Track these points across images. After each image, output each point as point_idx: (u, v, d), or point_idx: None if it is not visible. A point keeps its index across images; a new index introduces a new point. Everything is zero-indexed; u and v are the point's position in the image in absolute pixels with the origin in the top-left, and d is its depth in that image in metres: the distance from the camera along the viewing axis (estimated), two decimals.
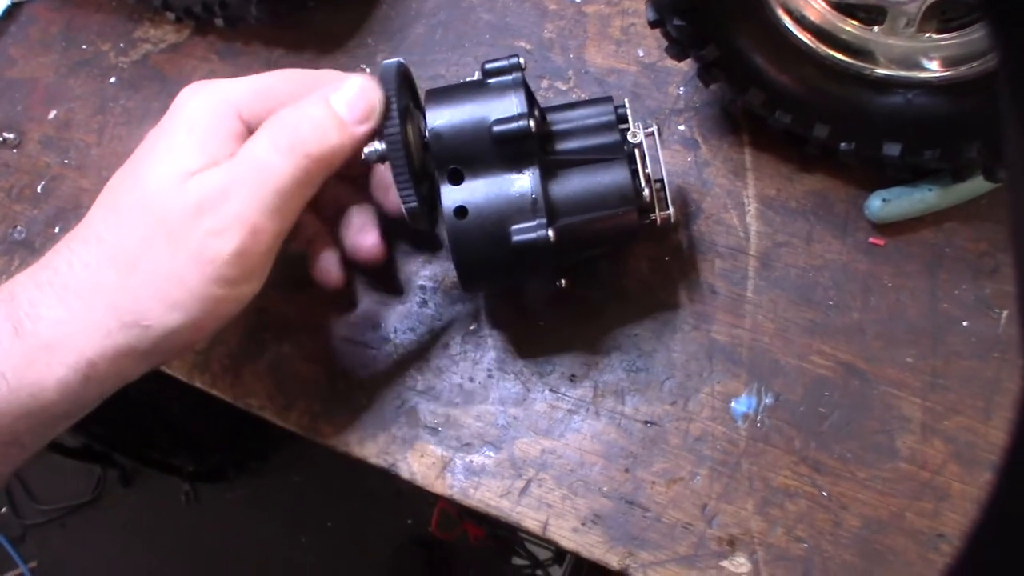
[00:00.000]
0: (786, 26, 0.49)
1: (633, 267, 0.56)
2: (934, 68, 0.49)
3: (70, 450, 1.69)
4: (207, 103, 0.46)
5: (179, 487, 1.84)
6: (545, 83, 0.62)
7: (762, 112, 0.53)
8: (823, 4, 0.50)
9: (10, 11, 0.76)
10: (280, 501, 1.84)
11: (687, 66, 0.59)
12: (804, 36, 0.50)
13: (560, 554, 1.47)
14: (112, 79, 0.71)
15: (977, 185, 0.53)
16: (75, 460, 1.74)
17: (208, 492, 1.86)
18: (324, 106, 0.46)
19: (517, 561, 1.57)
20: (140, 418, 1.59)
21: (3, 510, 1.93)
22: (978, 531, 0.27)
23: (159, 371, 0.59)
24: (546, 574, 1.52)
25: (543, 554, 1.52)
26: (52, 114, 0.71)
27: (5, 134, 0.71)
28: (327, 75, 0.51)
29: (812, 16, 0.50)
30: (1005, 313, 0.52)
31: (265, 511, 1.83)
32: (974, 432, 0.50)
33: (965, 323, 0.52)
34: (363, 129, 0.47)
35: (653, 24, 0.51)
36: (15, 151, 0.70)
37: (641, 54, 0.61)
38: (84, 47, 0.73)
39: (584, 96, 0.61)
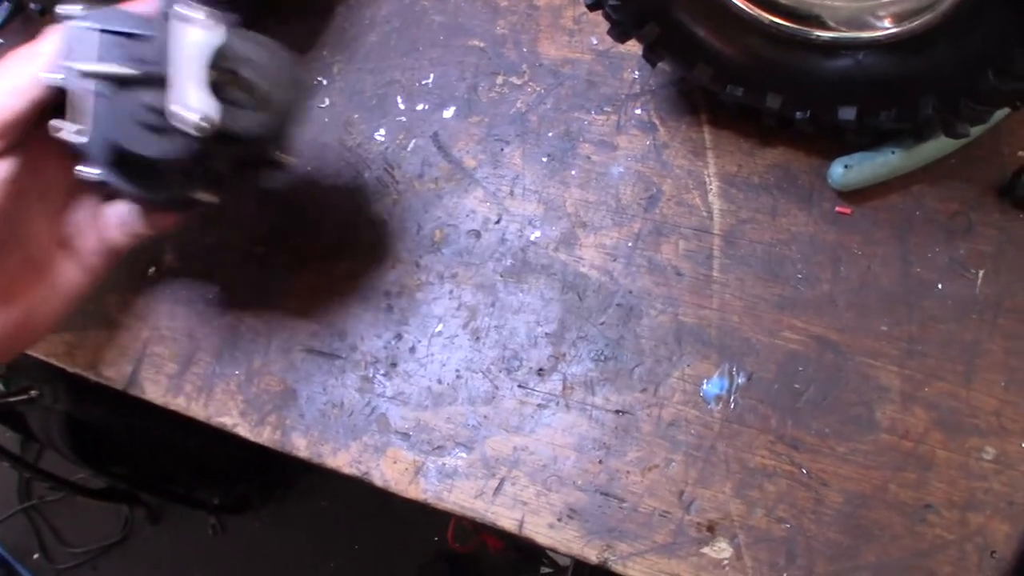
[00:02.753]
0: None
1: (592, 255, 0.55)
2: (882, 26, 0.48)
3: (95, 492, 1.71)
4: None
5: (206, 520, 1.85)
6: (499, 79, 0.61)
7: (713, 87, 0.52)
8: None
9: None
10: (307, 527, 1.84)
11: (641, 49, 0.58)
12: (745, 5, 0.49)
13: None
14: None
15: (943, 144, 0.52)
16: (102, 501, 1.75)
17: (235, 523, 1.87)
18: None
19: (544, 571, 1.55)
20: (160, 456, 1.60)
21: (35, 556, 1.94)
22: None
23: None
24: None
25: (565, 560, 1.50)
26: None
27: None
28: None
29: None
30: (981, 273, 0.51)
31: (293, 538, 1.83)
32: (956, 397, 0.49)
33: (940, 286, 0.51)
34: None
35: (591, 7, 0.50)
36: None
37: (595, 42, 0.60)
38: None
39: (540, 89, 0.60)
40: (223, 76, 0.45)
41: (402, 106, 0.62)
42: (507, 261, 0.56)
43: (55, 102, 0.47)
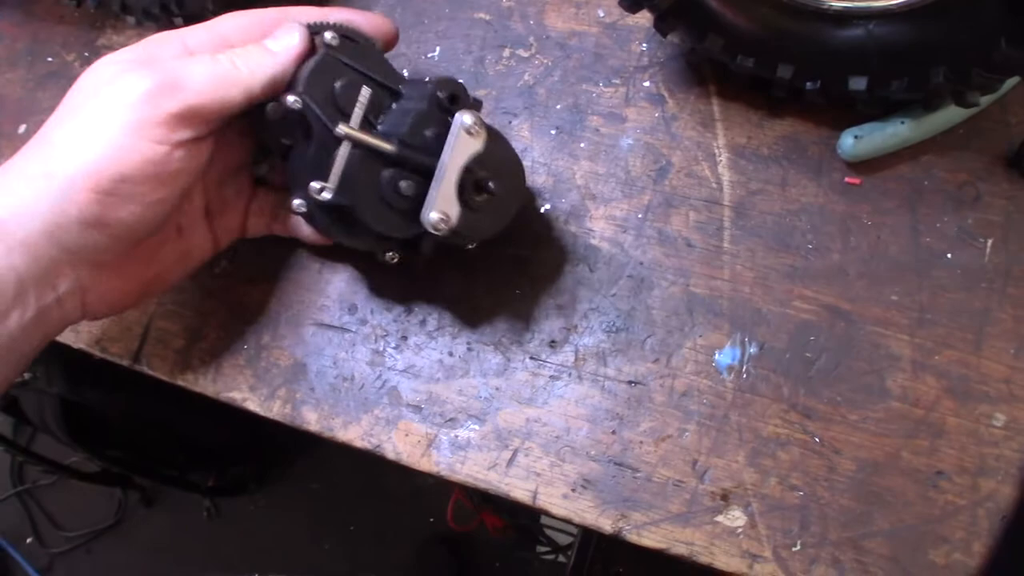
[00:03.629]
0: None
1: (603, 227, 0.55)
2: None
3: (89, 475, 1.70)
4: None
5: (200, 503, 1.84)
6: (507, 52, 0.61)
7: (723, 58, 0.52)
8: None
9: None
10: (301, 509, 1.84)
11: (649, 22, 0.57)
12: None
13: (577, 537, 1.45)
14: None
15: (952, 114, 0.52)
16: (95, 485, 1.75)
17: (229, 506, 1.87)
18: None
19: (540, 549, 1.56)
20: (155, 438, 1.60)
21: (29, 540, 1.94)
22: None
23: (168, 386, 0.59)
24: (567, 558, 1.51)
25: (563, 539, 1.51)
26: (22, 128, 0.70)
27: None
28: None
29: None
30: (990, 242, 0.51)
31: (287, 520, 1.83)
32: (966, 365, 0.49)
33: (949, 255, 0.51)
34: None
35: None
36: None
37: (601, 14, 0.60)
38: (49, 59, 0.73)
39: (548, 62, 0.60)
40: (472, 179, 0.47)
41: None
42: (518, 233, 0.56)
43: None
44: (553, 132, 0.58)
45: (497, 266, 0.55)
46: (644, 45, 0.59)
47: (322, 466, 1.81)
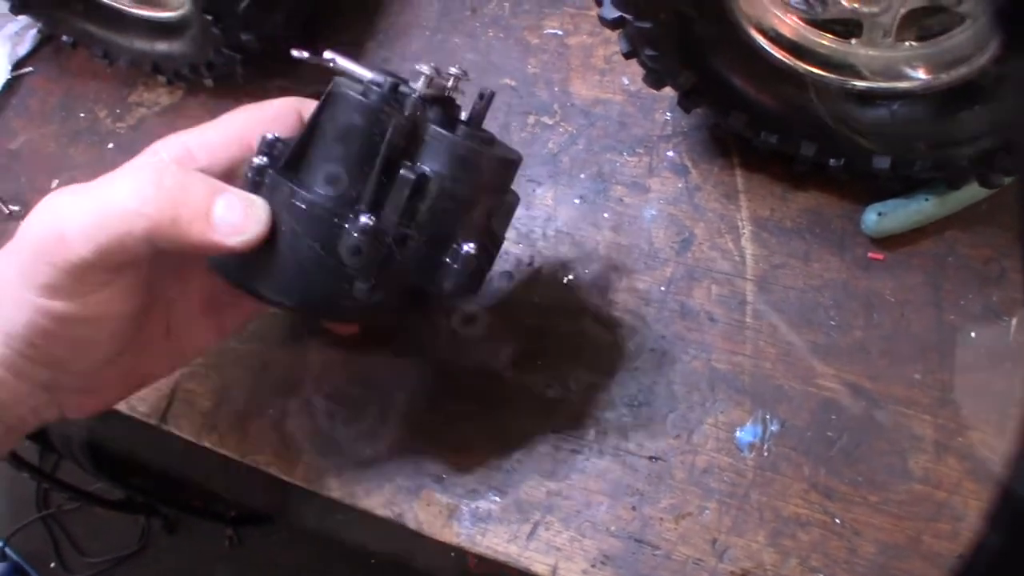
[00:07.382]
0: (761, 46, 0.49)
1: (625, 299, 0.55)
2: (917, 76, 0.48)
3: (113, 503, 1.71)
4: None
5: (223, 532, 1.85)
6: (531, 119, 0.61)
7: (747, 134, 0.53)
8: (797, 20, 0.49)
9: (10, 84, 0.78)
10: (324, 541, 1.83)
11: (672, 91, 0.58)
12: (780, 54, 0.49)
13: None
14: (110, 145, 0.72)
15: (976, 190, 0.52)
16: (119, 512, 1.76)
17: (252, 535, 1.87)
18: (204, 196, 0.42)
19: None
20: (181, 472, 1.60)
21: (52, 565, 1.95)
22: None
23: None
24: None
25: None
26: (55, 184, 0.72)
27: (11, 206, 0.72)
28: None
29: (787, 33, 0.49)
30: (1014, 320, 0.51)
31: (309, 551, 1.83)
32: (989, 447, 0.49)
33: (973, 334, 0.51)
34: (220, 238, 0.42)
35: (627, 55, 0.50)
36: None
37: (626, 82, 0.61)
38: (82, 115, 0.74)
39: (572, 130, 0.60)
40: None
41: None
42: (541, 303, 0.56)
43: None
44: (577, 201, 0.58)
45: (519, 337, 0.56)
46: (668, 114, 0.59)
47: None
